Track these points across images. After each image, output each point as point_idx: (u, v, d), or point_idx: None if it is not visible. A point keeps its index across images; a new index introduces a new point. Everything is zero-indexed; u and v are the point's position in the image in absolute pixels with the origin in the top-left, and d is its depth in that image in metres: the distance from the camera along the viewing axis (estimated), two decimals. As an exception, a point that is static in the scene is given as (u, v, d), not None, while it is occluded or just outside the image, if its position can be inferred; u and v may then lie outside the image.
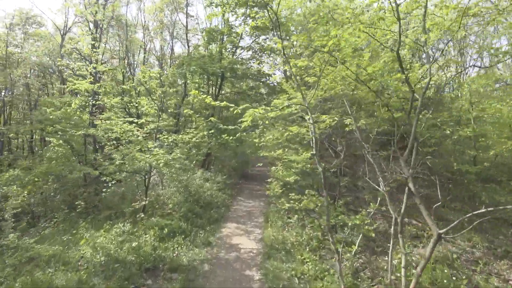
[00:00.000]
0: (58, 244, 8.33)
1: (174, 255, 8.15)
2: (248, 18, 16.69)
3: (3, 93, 23.76)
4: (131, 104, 14.93)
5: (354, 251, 7.03)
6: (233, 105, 6.84)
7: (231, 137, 14.79)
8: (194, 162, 17.11)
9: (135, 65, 24.72)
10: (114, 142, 12.05)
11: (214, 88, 19.76)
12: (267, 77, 18.26)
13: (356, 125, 7.10)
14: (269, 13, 6.50)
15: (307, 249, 8.44)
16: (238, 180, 18.36)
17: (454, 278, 7.29)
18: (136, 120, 9.96)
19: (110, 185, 8.71)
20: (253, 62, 17.75)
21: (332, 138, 9.61)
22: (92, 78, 15.43)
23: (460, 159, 11.37)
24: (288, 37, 16.18)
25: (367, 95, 8.55)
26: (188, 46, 20.70)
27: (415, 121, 5.11)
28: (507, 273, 7.81)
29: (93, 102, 14.97)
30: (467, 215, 4.48)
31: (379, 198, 7.61)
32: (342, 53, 6.64)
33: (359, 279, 7.20)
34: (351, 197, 10.14)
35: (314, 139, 6.30)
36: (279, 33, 7.16)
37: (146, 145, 9.16)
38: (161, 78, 15.35)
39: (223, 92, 20.02)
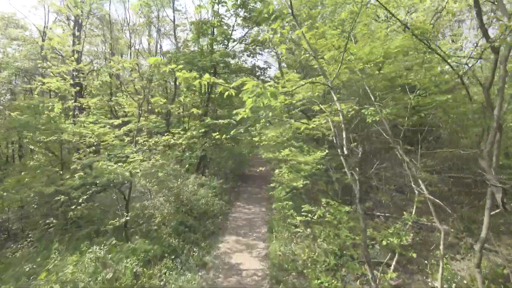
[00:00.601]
0: (14, 279, 6.62)
1: (161, 283, 6.50)
2: (240, 9, 15.07)
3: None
4: (111, 103, 13.19)
5: (390, 276, 5.43)
6: (227, 84, 5.17)
7: (224, 136, 13.21)
8: (188, 166, 15.46)
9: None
10: (93, 148, 10.35)
11: (205, 86, 18.06)
12: (262, 71, 16.61)
13: (382, 115, 5.50)
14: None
15: (323, 269, 6.81)
16: (235, 183, 16.69)
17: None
18: (111, 121, 8.25)
19: (81, 200, 7.00)
20: (247, 55, 16.07)
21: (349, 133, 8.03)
22: (71, 79, 13.71)
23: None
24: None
25: (390, 79, 6.98)
26: (177, 42, 18.97)
27: (499, 99, 3.48)
28: None
29: (74, 104, 13.26)
30: None
31: (414, 205, 5.99)
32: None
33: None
34: (371, 201, 8.53)
35: (344, 132, 4.66)
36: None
37: (123, 150, 7.45)
38: (139, 70, 13.63)
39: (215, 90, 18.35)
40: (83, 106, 14.85)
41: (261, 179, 19.10)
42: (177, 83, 19.38)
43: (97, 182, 6.03)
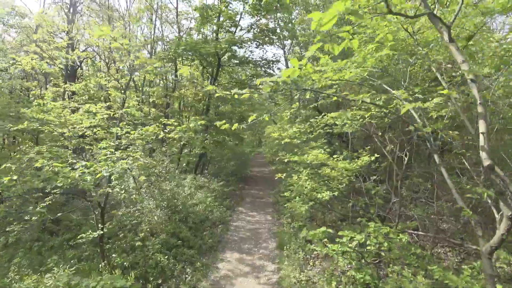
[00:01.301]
0: None
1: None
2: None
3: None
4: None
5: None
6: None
7: (229, 126, 11.50)
8: (185, 165, 13.70)
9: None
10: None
11: (210, 78, 16.30)
12: (271, 65, 14.85)
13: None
14: None
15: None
16: (237, 185, 14.93)
17: None
18: (87, 106, 6.44)
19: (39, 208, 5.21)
20: (255, 46, 14.29)
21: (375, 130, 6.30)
22: (63, 64, 11.99)
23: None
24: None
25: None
26: (179, 31, 17.21)
27: None
28: None
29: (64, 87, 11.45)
30: None
31: (501, 233, 4.23)
32: None
33: None
34: (412, 218, 6.72)
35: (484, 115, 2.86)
36: None
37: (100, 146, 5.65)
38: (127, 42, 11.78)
39: (220, 81, 16.57)
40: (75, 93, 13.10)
41: (264, 181, 17.35)
42: (178, 74, 17.68)
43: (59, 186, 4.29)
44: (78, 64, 16.09)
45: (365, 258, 4.68)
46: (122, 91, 8.03)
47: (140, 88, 16.18)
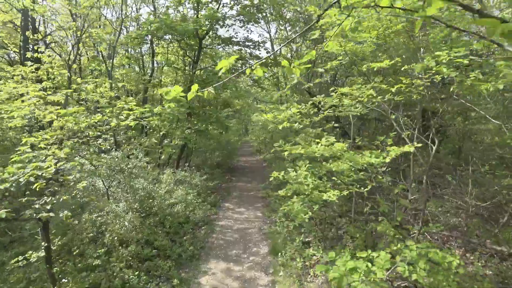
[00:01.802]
0: None
1: None
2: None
3: None
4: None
5: None
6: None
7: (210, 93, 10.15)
8: (162, 158, 12.31)
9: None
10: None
11: (190, 63, 14.74)
12: (258, 46, 13.39)
13: None
14: None
15: None
16: (223, 177, 13.67)
17: None
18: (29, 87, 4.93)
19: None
20: (240, 25, 12.78)
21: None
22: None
23: None
24: None
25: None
26: (155, 9, 15.46)
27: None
28: None
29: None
30: None
31: None
32: None
33: None
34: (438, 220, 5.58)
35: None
36: None
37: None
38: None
39: (201, 66, 15.02)
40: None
41: (252, 172, 16.15)
42: (155, 59, 16.05)
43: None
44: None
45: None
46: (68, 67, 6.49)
47: (105, 67, 14.40)
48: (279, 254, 6.17)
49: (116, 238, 5.91)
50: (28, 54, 8.62)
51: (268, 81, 18.99)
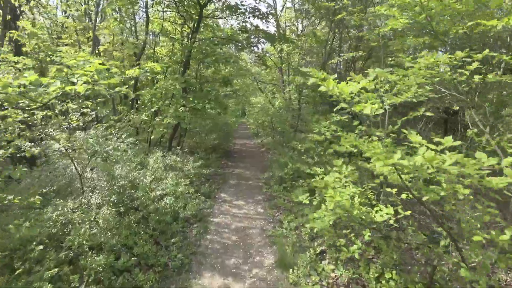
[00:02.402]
0: None
1: None
2: None
3: None
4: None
5: None
6: None
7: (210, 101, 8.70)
8: (159, 137, 10.87)
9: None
10: None
11: (189, 35, 13.01)
12: (265, 17, 11.69)
13: None
14: None
15: None
16: (219, 162, 12.30)
17: None
18: None
19: None
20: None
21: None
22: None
23: None
24: None
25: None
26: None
27: None
28: None
29: None
30: None
31: None
32: None
33: None
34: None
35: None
36: None
37: None
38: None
39: (201, 37, 13.28)
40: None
41: (250, 157, 14.79)
42: (150, 28, 14.20)
43: None
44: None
45: None
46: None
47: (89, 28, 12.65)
48: (290, 270, 4.88)
49: (85, 242, 4.54)
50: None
51: (271, 60, 17.30)
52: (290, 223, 6.48)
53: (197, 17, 11.56)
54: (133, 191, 6.15)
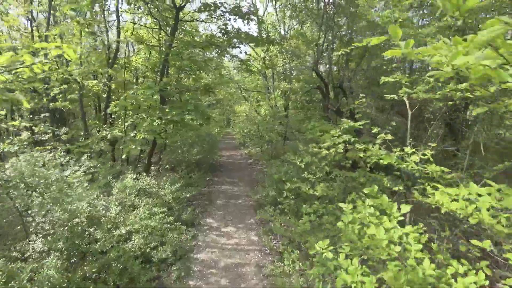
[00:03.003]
0: None
1: None
2: None
3: None
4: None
5: None
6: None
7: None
8: (139, 153, 9.51)
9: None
10: None
11: (166, 41, 11.69)
12: (248, 18, 10.52)
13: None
14: None
15: None
16: (203, 178, 10.94)
17: None
18: None
19: None
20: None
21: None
22: None
23: None
24: None
25: None
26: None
27: None
28: None
29: None
30: None
31: None
32: None
33: None
34: None
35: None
36: None
37: None
38: None
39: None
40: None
41: (237, 170, 13.50)
42: (120, 32, 12.78)
43: None
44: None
45: None
46: None
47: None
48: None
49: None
50: None
51: (254, 66, 16.14)
52: (288, 253, 5.21)
53: (173, 22, 10.33)
54: (92, 229, 4.74)
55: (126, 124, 10.32)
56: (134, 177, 7.25)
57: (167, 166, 11.38)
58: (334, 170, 5.43)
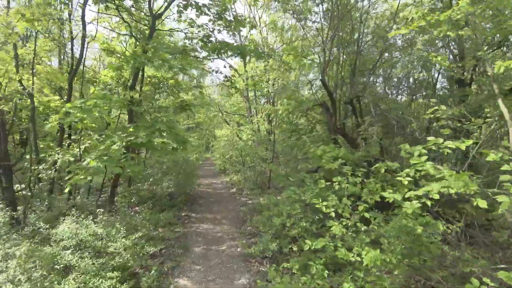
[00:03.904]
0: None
1: None
2: None
3: None
4: None
5: None
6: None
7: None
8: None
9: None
10: None
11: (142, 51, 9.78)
12: (233, 25, 8.90)
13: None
14: None
15: None
16: (178, 215, 8.75)
17: None
18: None
19: None
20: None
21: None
22: None
23: None
24: None
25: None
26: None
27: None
28: None
29: None
30: None
31: None
32: None
33: None
34: None
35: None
36: None
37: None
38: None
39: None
40: None
41: (219, 202, 11.35)
42: (86, 43, 10.71)
43: None
44: None
45: None
46: None
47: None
48: None
49: None
50: None
51: (239, 83, 14.45)
52: None
53: (148, 29, 8.56)
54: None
55: (82, 147, 8.15)
56: (83, 218, 5.02)
57: (133, 199, 9.13)
58: (373, 214, 3.56)
